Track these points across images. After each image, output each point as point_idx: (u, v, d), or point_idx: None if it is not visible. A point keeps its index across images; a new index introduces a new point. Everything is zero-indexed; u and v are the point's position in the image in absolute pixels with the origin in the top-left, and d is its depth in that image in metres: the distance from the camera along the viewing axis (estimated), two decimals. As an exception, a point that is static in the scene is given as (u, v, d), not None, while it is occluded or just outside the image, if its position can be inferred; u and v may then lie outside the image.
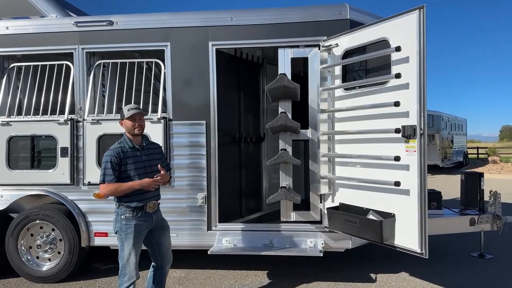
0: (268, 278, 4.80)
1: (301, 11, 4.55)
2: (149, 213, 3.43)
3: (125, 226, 3.32)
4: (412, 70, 3.45)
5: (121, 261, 3.35)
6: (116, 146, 3.37)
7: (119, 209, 3.36)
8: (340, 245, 4.51)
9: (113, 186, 3.27)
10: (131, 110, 3.41)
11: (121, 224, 3.33)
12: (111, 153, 3.31)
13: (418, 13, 3.39)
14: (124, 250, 3.33)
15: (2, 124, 4.77)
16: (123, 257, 3.34)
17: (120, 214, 3.35)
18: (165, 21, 4.69)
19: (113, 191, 3.29)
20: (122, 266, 3.35)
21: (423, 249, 3.43)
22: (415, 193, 3.47)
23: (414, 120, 3.45)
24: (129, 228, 3.32)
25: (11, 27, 4.87)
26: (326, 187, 4.39)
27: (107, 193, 3.33)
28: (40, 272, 4.73)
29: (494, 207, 5.20)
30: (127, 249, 3.32)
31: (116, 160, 3.29)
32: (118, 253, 3.39)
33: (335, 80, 4.37)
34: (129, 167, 3.35)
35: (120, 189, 3.28)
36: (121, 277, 3.35)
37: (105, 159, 3.30)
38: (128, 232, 3.32)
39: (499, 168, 17.91)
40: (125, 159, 3.34)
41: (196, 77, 4.65)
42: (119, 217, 3.35)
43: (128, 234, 3.32)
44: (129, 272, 3.33)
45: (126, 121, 3.41)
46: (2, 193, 4.76)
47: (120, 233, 3.34)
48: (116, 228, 3.38)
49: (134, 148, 3.43)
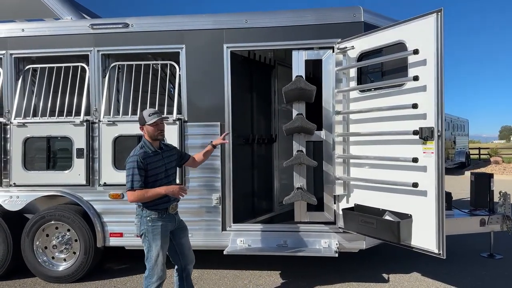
0: (281, 278, 4.84)
1: (316, 13, 4.59)
2: (171, 214, 3.49)
3: (152, 228, 3.35)
4: (429, 73, 3.50)
5: (149, 262, 3.38)
6: (140, 151, 3.35)
7: (144, 211, 3.37)
8: (354, 246, 4.55)
9: (141, 192, 3.27)
10: (152, 116, 3.40)
11: (147, 226, 3.35)
12: (136, 158, 3.29)
13: (436, 16, 3.43)
14: (152, 251, 3.36)
15: (18, 125, 4.81)
16: (151, 258, 3.37)
17: (145, 216, 3.36)
18: (180, 24, 4.73)
19: (141, 197, 3.28)
20: (150, 267, 3.38)
21: (440, 250, 3.48)
22: (432, 194, 3.52)
23: (432, 122, 3.49)
24: (156, 229, 3.36)
25: (26, 29, 4.91)
26: (341, 188, 4.44)
27: (135, 200, 3.29)
28: (56, 272, 4.77)
29: (504, 208, 5.24)
30: (155, 250, 3.35)
31: (141, 165, 3.28)
32: (145, 255, 3.42)
33: (350, 82, 4.41)
34: (153, 172, 3.38)
35: (147, 195, 3.28)
36: (149, 278, 3.38)
37: (131, 164, 3.28)
38: (155, 233, 3.35)
39: (501, 169, 17.96)
40: (150, 164, 3.35)
41: (211, 79, 4.69)
42: (144, 219, 3.36)
43: (155, 235, 3.35)
44: (158, 273, 3.37)
45: (148, 127, 3.41)
46: (18, 194, 4.79)
47: (147, 235, 3.36)
48: (141, 231, 3.38)
49: (156, 152, 3.46)
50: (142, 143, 3.45)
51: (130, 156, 3.34)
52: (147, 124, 3.40)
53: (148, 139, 3.46)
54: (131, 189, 3.26)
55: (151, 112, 3.45)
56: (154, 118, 3.40)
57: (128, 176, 3.28)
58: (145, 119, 3.40)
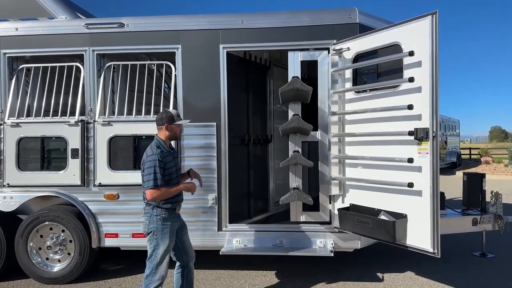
0: (277, 278, 4.86)
1: (311, 14, 4.61)
2: (177, 214, 3.58)
3: (162, 226, 3.40)
4: (424, 74, 3.54)
5: (154, 260, 3.41)
6: (158, 150, 3.39)
7: (154, 210, 3.40)
8: (349, 245, 4.58)
9: (163, 190, 3.33)
10: (180, 117, 3.59)
11: (158, 224, 3.39)
12: (156, 157, 3.31)
13: (431, 19, 3.47)
14: (159, 249, 3.40)
15: (11, 125, 4.77)
16: (156, 257, 3.40)
17: (156, 215, 3.40)
18: (176, 24, 4.73)
19: (164, 195, 3.35)
20: (154, 266, 3.41)
21: (435, 249, 3.53)
22: (427, 194, 3.57)
23: (427, 122, 3.54)
24: (166, 228, 3.42)
25: (20, 28, 4.87)
26: (337, 188, 4.47)
27: (157, 198, 3.33)
28: (50, 273, 4.74)
29: (496, 208, 5.31)
30: (162, 248, 3.41)
31: (161, 164, 3.33)
32: (149, 253, 3.44)
33: (346, 83, 4.45)
34: (168, 171, 3.45)
35: (169, 192, 3.38)
36: (151, 276, 3.41)
37: (152, 163, 3.30)
38: (164, 232, 3.41)
39: (492, 169, 18.21)
40: (167, 163, 3.42)
41: (207, 79, 4.69)
42: (154, 218, 3.40)
43: (164, 234, 3.41)
44: (161, 272, 3.43)
45: (174, 126, 3.50)
46: (12, 195, 4.75)
47: (156, 233, 3.40)
48: (150, 229, 3.41)
49: (169, 151, 3.53)
50: (157, 143, 3.48)
51: (149, 155, 3.36)
52: (175, 124, 3.50)
53: (163, 139, 3.50)
54: (155, 187, 3.28)
55: (178, 113, 3.61)
56: (182, 120, 3.62)
57: (150, 175, 3.29)
58: (174, 118, 3.50)
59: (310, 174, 5.70)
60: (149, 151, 3.40)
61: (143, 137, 4.70)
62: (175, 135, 3.57)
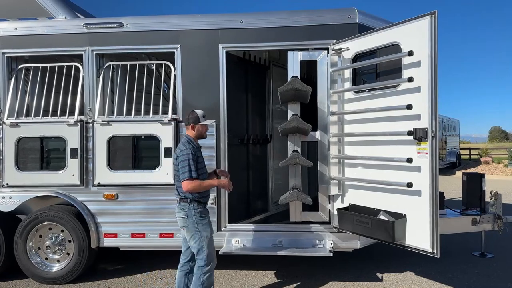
0: (276, 278, 4.86)
1: (311, 14, 4.61)
2: (207, 208, 3.80)
3: (201, 218, 3.62)
4: (424, 74, 3.54)
5: (203, 252, 3.57)
6: (189, 145, 3.59)
7: (191, 204, 3.59)
8: (349, 245, 4.58)
9: (198, 182, 3.53)
10: (206, 118, 3.78)
11: (196, 218, 3.59)
12: (189, 151, 3.53)
13: (430, 19, 3.47)
14: (204, 240, 3.58)
15: (10, 125, 4.76)
16: (204, 248, 3.57)
17: (193, 209, 3.60)
18: (176, 24, 4.72)
19: (197, 187, 3.53)
20: (205, 256, 3.57)
21: (434, 249, 3.52)
22: (426, 194, 3.56)
23: (426, 122, 3.53)
24: (204, 219, 3.65)
25: (19, 28, 4.87)
26: (336, 188, 4.46)
27: (192, 189, 3.51)
28: (49, 273, 4.73)
29: (495, 207, 5.31)
30: (206, 239, 3.60)
31: (194, 157, 3.56)
32: (196, 248, 3.58)
33: (345, 83, 4.44)
34: (200, 165, 3.67)
35: (202, 186, 3.58)
36: (206, 266, 3.56)
37: (187, 156, 3.51)
38: (204, 223, 3.63)
39: (491, 169, 18.21)
40: (198, 157, 3.66)
41: (206, 79, 4.69)
42: (191, 211, 3.59)
43: (205, 225, 3.63)
44: (213, 259, 3.65)
45: (199, 126, 3.73)
46: (11, 195, 4.75)
47: (197, 225, 3.58)
48: (189, 223, 3.58)
49: (199, 148, 3.77)
50: (187, 139, 3.69)
51: (183, 150, 3.56)
52: (200, 124, 3.72)
53: (192, 137, 3.73)
54: (190, 178, 3.48)
55: (204, 114, 3.80)
56: (207, 121, 3.80)
57: (185, 167, 3.49)
58: (200, 119, 3.72)
59: (309, 174, 5.71)
60: (182, 146, 3.61)
61: (142, 137, 4.70)
62: (201, 134, 3.78)
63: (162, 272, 5.08)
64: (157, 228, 4.71)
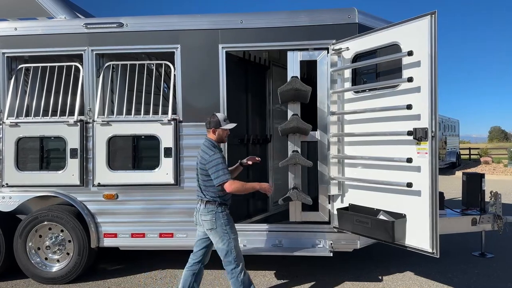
0: (276, 278, 4.86)
1: (310, 14, 4.61)
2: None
3: (227, 220, 3.66)
4: (424, 74, 3.54)
5: (231, 254, 3.62)
6: (215, 150, 3.64)
7: (219, 207, 3.63)
8: (349, 245, 4.58)
9: (240, 183, 3.60)
10: (227, 122, 3.79)
11: (224, 220, 3.63)
12: (219, 154, 3.60)
13: (430, 19, 3.47)
14: (232, 242, 3.63)
15: (10, 125, 4.76)
16: (232, 249, 3.62)
17: (221, 211, 3.64)
18: (175, 24, 4.72)
19: (240, 187, 3.59)
20: (234, 257, 3.62)
21: (434, 249, 3.52)
22: (426, 194, 3.56)
23: (426, 122, 3.53)
24: (230, 221, 3.71)
25: (19, 28, 4.86)
26: (336, 188, 4.46)
27: (235, 190, 3.55)
28: (49, 273, 4.73)
29: (495, 207, 5.31)
30: (234, 240, 3.66)
31: (224, 160, 3.63)
32: (225, 250, 3.61)
33: (345, 83, 4.44)
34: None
35: (245, 187, 3.64)
36: (237, 267, 3.62)
37: (219, 160, 3.54)
38: (231, 225, 3.69)
39: (491, 169, 18.22)
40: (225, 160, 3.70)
41: (206, 79, 4.68)
42: (219, 214, 3.62)
43: (232, 227, 3.69)
44: (242, 259, 3.69)
45: (220, 130, 3.75)
46: (11, 195, 4.75)
47: (225, 227, 3.62)
48: (217, 225, 3.60)
49: (221, 150, 3.83)
50: (211, 143, 3.72)
51: (212, 154, 3.56)
52: (221, 128, 3.73)
53: (214, 140, 3.76)
54: (228, 180, 3.52)
55: (226, 118, 3.81)
56: (229, 125, 3.79)
57: (220, 171, 3.52)
58: (221, 123, 3.72)
59: (309, 174, 5.71)
60: (209, 151, 3.60)
61: (142, 137, 4.70)
62: (222, 138, 3.79)
63: (162, 272, 5.08)
64: (157, 228, 4.71)
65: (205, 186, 3.65)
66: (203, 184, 3.67)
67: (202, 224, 3.68)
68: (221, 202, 3.65)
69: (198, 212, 3.70)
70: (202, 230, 3.76)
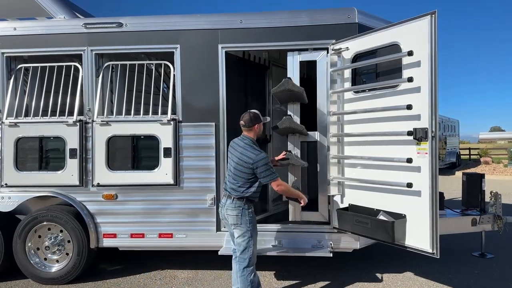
0: (276, 278, 4.85)
1: (310, 14, 4.60)
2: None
3: (252, 219, 3.73)
4: (424, 74, 3.53)
5: (248, 251, 3.67)
6: (259, 149, 3.72)
7: (247, 204, 3.69)
8: (349, 246, 4.57)
9: (287, 186, 3.81)
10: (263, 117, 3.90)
11: (249, 217, 3.69)
12: (265, 154, 3.65)
13: (430, 18, 3.47)
14: (252, 240, 3.70)
15: (9, 125, 4.75)
16: (251, 247, 3.68)
17: (247, 209, 3.70)
18: (175, 24, 4.71)
19: (286, 189, 3.80)
20: (250, 255, 3.67)
21: (434, 249, 3.52)
22: (426, 194, 3.56)
23: (426, 123, 3.53)
24: (254, 220, 3.78)
25: (18, 28, 4.85)
26: (336, 189, 4.46)
27: (281, 190, 3.73)
28: (48, 273, 4.72)
29: (495, 208, 5.31)
30: (255, 238, 3.74)
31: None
32: (243, 246, 3.67)
33: (345, 83, 4.43)
34: None
35: (290, 191, 3.90)
36: (249, 266, 3.68)
37: (266, 159, 3.60)
38: (255, 224, 3.77)
39: (491, 169, 18.21)
40: None
41: (206, 79, 4.68)
42: (246, 211, 3.68)
43: (255, 226, 3.77)
44: (254, 259, 3.75)
45: (260, 125, 3.86)
46: (10, 195, 4.74)
47: (249, 225, 3.68)
48: (243, 221, 3.66)
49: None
50: (252, 141, 3.77)
51: (258, 154, 3.59)
52: (262, 123, 3.87)
53: (253, 138, 3.81)
54: (276, 178, 3.62)
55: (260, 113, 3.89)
56: (267, 118, 3.98)
57: (269, 169, 3.59)
58: (261, 118, 3.85)
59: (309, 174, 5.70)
60: (254, 151, 3.63)
61: (142, 137, 4.69)
62: (261, 132, 3.89)
63: (161, 272, 5.08)
64: (156, 229, 4.70)
65: (238, 182, 3.67)
66: (236, 181, 3.68)
67: (226, 218, 3.75)
68: (249, 199, 3.71)
69: (224, 207, 3.76)
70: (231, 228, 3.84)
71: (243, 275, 3.67)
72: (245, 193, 3.67)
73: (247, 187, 3.66)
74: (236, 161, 3.70)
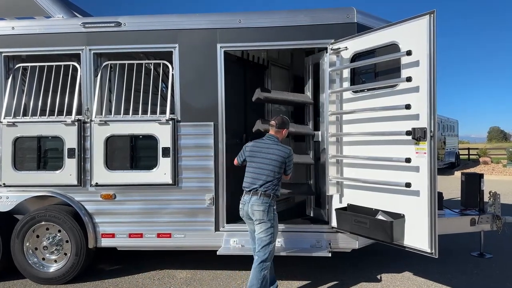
0: (275, 278, 4.83)
1: (309, 14, 4.59)
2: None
3: (275, 216, 3.84)
4: (422, 74, 3.53)
5: (269, 246, 3.77)
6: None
7: (272, 200, 3.80)
8: (347, 245, 4.57)
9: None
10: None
11: (274, 214, 3.81)
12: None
13: (428, 18, 3.46)
14: (275, 236, 3.83)
15: (8, 125, 4.73)
16: (272, 242, 3.79)
17: (273, 205, 3.80)
18: (174, 23, 4.70)
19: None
20: (270, 250, 3.78)
21: (433, 249, 3.51)
22: (425, 194, 3.55)
23: (425, 122, 3.52)
24: (277, 217, 3.89)
25: (17, 27, 4.84)
26: (335, 188, 4.45)
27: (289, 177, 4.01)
28: (47, 273, 4.71)
29: (494, 208, 5.28)
30: (276, 235, 3.86)
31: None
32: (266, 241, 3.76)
33: (343, 83, 4.43)
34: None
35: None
36: (267, 261, 3.77)
37: (293, 156, 3.94)
38: (277, 221, 3.88)
39: (490, 169, 18.23)
40: None
41: (204, 78, 4.67)
42: (271, 208, 3.79)
43: (277, 223, 3.89)
44: (272, 255, 3.87)
45: (287, 131, 4.08)
46: (8, 195, 4.73)
47: (273, 222, 3.78)
48: (269, 217, 3.76)
49: None
50: (279, 140, 3.99)
51: (289, 152, 3.87)
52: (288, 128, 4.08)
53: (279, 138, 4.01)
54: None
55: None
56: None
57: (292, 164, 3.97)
58: (289, 124, 4.09)
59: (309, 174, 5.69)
60: (285, 150, 3.86)
61: (140, 137, 4.68)
62: (284, 137, 4.10)
63: (160, 272, 5.07)
64: (155, 228, 4.69)
65: (272, 178, 3.78)
66: (272, 177, 3.78)
67: (252, 214, 3.77)
68: (275, 195, 3.83)
69: (249, 203, 3.79)
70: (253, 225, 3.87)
71: (259, 267, 3.73)
72: (274, 190, 3.81)
73: (276, 184, 3.82)
74: (270, 157, 3.83)
